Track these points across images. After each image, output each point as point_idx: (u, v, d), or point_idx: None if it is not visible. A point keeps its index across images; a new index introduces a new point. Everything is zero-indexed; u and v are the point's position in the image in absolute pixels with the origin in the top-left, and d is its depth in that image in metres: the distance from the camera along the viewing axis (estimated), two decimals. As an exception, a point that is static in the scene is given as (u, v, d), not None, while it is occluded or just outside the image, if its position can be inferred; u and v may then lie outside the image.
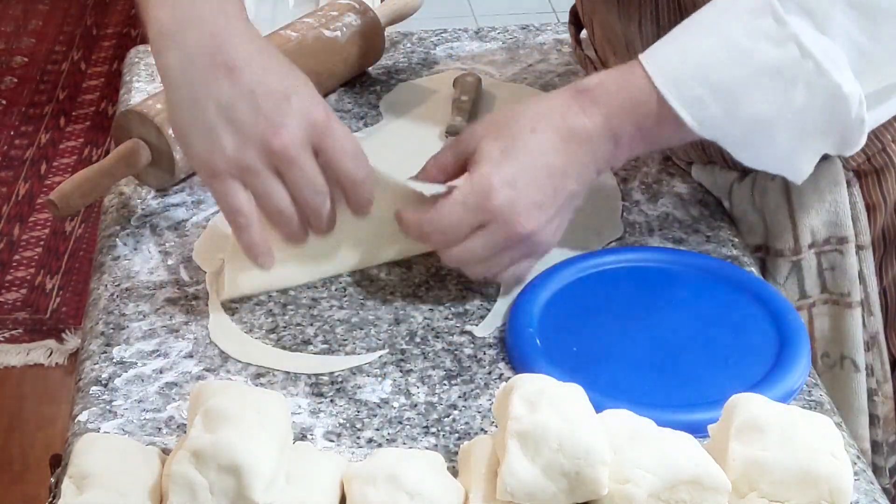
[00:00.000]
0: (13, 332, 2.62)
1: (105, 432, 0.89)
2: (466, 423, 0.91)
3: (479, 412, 0.92)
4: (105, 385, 0.94)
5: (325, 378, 0.95)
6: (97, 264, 1.09)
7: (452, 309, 1.02)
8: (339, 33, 1.29)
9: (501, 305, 1.01)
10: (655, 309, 1.00)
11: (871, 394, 1.11)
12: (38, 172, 3.16)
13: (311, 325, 1.00)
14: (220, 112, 0.91)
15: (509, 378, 0.88)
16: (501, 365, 0.96)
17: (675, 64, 0.96)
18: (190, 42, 0.92)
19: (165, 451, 0.84)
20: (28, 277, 2.79)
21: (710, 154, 1.12)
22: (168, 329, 1.00)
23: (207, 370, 0.96)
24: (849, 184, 1.08)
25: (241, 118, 0.91)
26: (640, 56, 0.97)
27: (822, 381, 0.95)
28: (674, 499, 0.78)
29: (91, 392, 0.93)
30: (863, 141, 0.97)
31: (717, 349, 0.96)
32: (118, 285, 1.05)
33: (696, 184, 1.16)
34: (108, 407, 0.92)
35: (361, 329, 1.00)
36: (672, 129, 0.97)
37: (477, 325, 1.00)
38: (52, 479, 0.88)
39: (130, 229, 1.12)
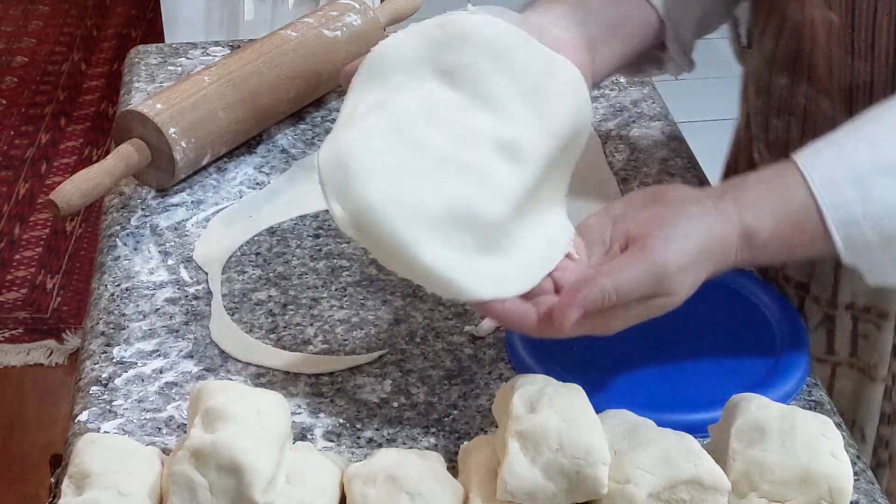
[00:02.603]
0: (13, 331, 2.62)
1: (105, 432, 0.89)
2: (466, 423, 0.91)
3: (479, 412, 0.92)
4: (105, 385, 0.94)
5: (325, 378, 0.95)
6: (98, 264, 1.09)
7: (452, 309, 1.02)
8: (339, 33, 1.29)
9: (501, 305, 1.01)
10: (655, 309, 1.00)
11: (879, 464, 1.09)
12: (39, 172, 3.16)
13: (311, 325, 1.00)
14: None
15: (509, 378, 0.88)
16: (501, 365, 0.96)
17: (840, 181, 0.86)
18: None
19: (165, 451, 0.84)
20: (28, 277, 2.79)
21: None
22: (168, 329, 1.00)
23: (207, 370, 0.96)
24: None
25: None
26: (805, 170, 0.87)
27: None
28: (674, 499, 0.78)
29: (91, 392, 0.93)
30: None
31: (717, 349, 0.96)
32: (118, 285, 1.05)
33: (697, 184, 1.16)
34: (108, 407, 0.92)
35: (361, 329, 1.00)
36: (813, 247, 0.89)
37: (477, 326, 1.00)
38: (52, 479, 0.88)
39: (130, 229, 1.12)
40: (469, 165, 0.85)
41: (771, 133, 1.08)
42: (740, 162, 1.18)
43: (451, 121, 0.87)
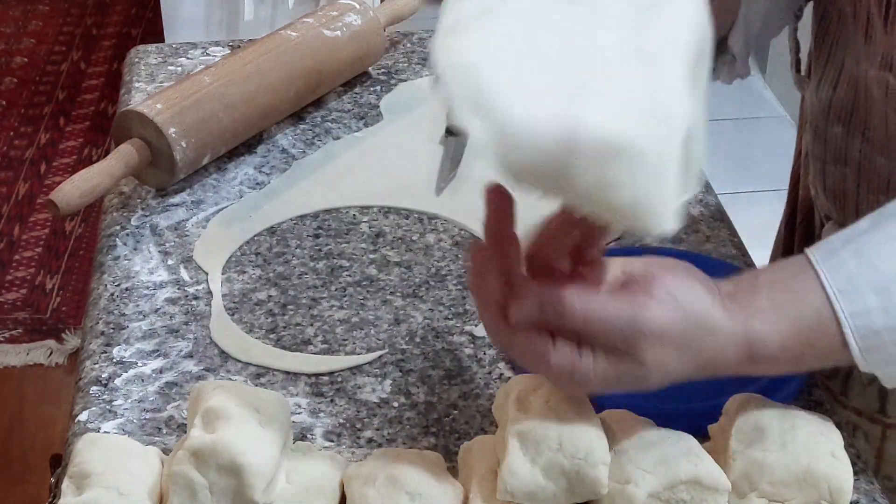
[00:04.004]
0: (13, 332, 2.61)
1: (105, 432, 0.89)
2: (466, 423, 0.91)
3: (479, 412, 0.92)
4: (105, 385, 0.94)
5: (325, 378, 0.95)
6: (97, 264, 1.09)
7: (452, 309, 1.02)
8: (339, 33, 1.29)
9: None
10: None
11: None
12: (38, 172, 3.16)
13: (311, 325, 1.00)
14: None
15: (509, 378, 0.88)
16: (501, 365, 0.96)
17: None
18: None
19: (165, 451, 0.84)
20: (28, 277, 2.79)
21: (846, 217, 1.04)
22: (168, 329, 1.00)
23: (207, 370, 0.96)
24: None
25: None
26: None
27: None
28: (674, 499, 0.78)
29: (91, 392, 0.93)
30: None
31: (717, 349, 0.96)
32: (118, 285, 1.05)
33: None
34: (108, 407, 0.92)
35: (361, 329, 1.00)
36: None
37: (477, 325, 1.00)
38: (52, 479, 0.88)
39: (130, 229, 1.12)
40: (603, 75, 0.73)
41: (828, 179, 1.03)
42: (800, 192, 1.14)
43: (572, 32, 0.74)
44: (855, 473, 0.81)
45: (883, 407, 1.04)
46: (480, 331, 0.99)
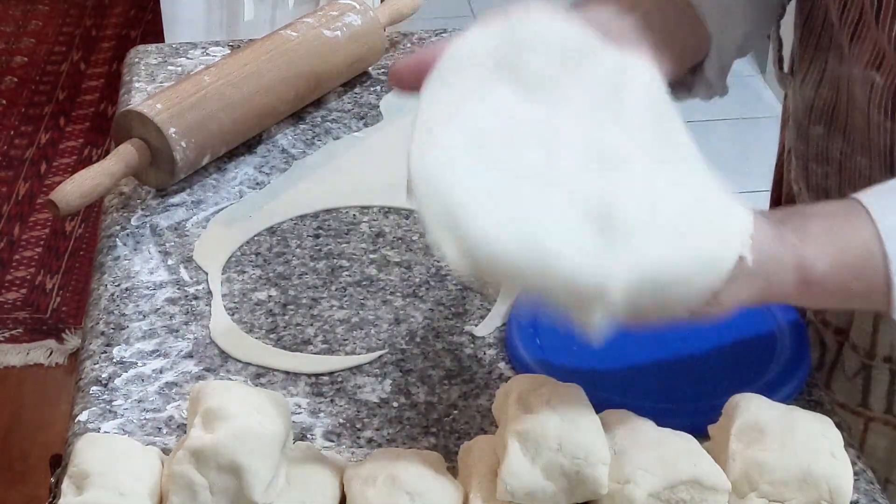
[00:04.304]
0: (13, 332, 2.61)
1: (105, 432, 0.89)
2: (466, 423, 0.91)
3: (479, 412, 0.92)
4: (105, 385, 0.94)
5: (325, 378, 0.95)
6: (97, 264, 1.09)
7: (452, 309, 1.02)
8: (339, 33, 1.29)
9: (501, 305, 1.01)
10: (655, 309, 1.00)
11: None
12: (38, 172, 3.16)
13: (311, 325, 1.00)
14: None
15: (509, 378, 0.88)
16: (501, 365, 0.96)
17: None
18: None
19: (165, 451, 0.84)
20: (28, 277, 2.79)
21: None
22: (168, 329, 1.00)
23: (207, 370, 0.96)
24: None
25: None
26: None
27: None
28: (674, 499, 0.78)
29: (91, 392, 0.93)
30: None
31: (718, 349, 0.96)
32: (118, 285, 1.05)
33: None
34: (108, 407, 0.92)
35: (361, 329, 1.00)
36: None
37: (477, 325, 1.00)
38: (52, 479, 0.88)
39: (130, 229, 1.12)
40: (565, 186, 0.76)
41: (811, 177, 1.04)
42: (783, 188, 1.14)
43: (536, 135, 0.78)
44: (855, 473, 0.81)
45: (865, 400, 1.05)
46: (480, 331, 0.99)
